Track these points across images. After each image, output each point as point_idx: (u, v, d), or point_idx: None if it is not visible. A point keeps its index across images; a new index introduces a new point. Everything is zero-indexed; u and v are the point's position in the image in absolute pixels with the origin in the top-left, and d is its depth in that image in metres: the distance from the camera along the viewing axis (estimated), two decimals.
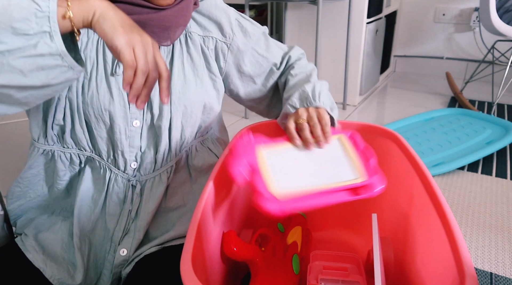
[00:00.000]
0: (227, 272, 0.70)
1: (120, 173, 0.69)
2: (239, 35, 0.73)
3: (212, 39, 0.71)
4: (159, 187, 0.71)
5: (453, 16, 2.53)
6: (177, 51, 0.68)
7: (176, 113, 0.67)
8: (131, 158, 0.68)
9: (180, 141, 0.71)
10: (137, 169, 0.70)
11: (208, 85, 0.72)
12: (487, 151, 1.55)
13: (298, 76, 0.78)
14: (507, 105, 2.18)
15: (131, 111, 0.65)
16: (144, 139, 0.68)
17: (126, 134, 0.66)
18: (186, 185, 0.75)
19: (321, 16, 1.86)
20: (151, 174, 0.70)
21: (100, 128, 0.66)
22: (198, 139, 0.76)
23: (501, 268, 1.04)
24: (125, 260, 0.70)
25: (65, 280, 0.68)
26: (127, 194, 0.70)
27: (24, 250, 0.69)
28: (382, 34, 2.37)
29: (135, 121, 0.66)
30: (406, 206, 0.73)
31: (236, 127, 1.96)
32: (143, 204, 0.70)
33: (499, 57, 2.28)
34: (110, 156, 0.69)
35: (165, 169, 0.71)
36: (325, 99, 0.72)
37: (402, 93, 2.42)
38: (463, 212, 1.27)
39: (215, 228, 0.64)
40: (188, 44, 0.69)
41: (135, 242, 0.70)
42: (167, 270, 0.66)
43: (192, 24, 0.70)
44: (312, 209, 0.57)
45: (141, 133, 0.67)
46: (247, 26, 0.75)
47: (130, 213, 0.70)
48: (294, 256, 0.76)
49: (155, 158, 0.70)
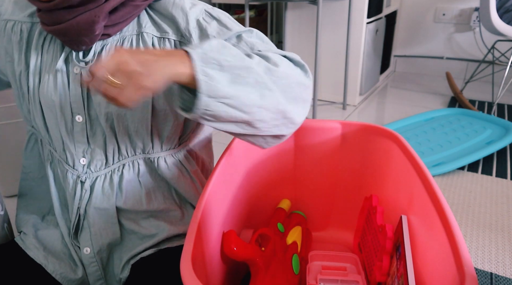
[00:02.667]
0: (227, 272, 0.70)
1: (70, 169, 0.68)
2: (196, 37, 0.65)
3: (169, 40, 0.65)
4: (111, 184, 0.69)
5: (453, 16, 2.53)
6: None
7: (118, 117, 0.64)
8: (79, 154, 0.67)
9: (129, 144, 0.67)
10: (86, 166, 0.68)
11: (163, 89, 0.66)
12: (487, 151, 1.55)
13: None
14: (507, 105, 2.18)
15: (72, 106, 0.64)
16: (91, 136, 0.66)
17: (69, 127, 0.65)
18: (164, 189, 0.72)
19: (321, 16, 1.86)
20: (102, 171, 0.68)
21: (49, 118, 0.66)
22: (167, 152, 0.71)
23: (501, 268, 1.04)
24: (92, 257, 0.69)
25: (67, 274, 0.69)
26: (76, 190, 0.68)
27: (24, 248, 0.70)
28: (382, 34, 2.37)
29: (77, 116, 0.65)
30: (406, 206, 0.73)
31: None
32: (92, 201, 0.68)
33: (499, 57, 2.28)
34: (60, 150, 0.68)
35: (117, 167, 0.69)
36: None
37: (402, 93, 2.42)
38: (463, 212, 1.27)
39: (215, 228, 0.64)
40: (139, 46, 0.64)
41: (97, 241, 0.69)
42: (165, 273, 0.66)
43: (148, 24, 0.65)
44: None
45: (86, 129, 0.66)
46: (210, 26, 0.65)
47: (79, 209, 0.69)
48: (294, 256, 0.76)
49: (105, 155, 0.68)
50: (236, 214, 0.78)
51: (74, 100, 0.64)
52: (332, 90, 2.26)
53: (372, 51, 2.23)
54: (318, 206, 0.93)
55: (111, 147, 0.67)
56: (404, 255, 0.63)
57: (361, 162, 0.87)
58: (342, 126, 0.86)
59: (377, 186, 0.85)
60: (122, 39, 0.63)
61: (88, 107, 0.64)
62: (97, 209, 0.68)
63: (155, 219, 0.71)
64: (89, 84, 0.46)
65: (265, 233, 0.73)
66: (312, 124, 0.85)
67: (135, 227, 0.71)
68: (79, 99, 0.64)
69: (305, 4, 2.14)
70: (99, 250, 0.69)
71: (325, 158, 0.88)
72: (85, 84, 0.47)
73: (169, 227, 0.71)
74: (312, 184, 0.91)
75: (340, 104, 2.22)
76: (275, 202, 0.91)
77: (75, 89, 0.64)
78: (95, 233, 0.69)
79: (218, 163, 0.68)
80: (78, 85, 0.63)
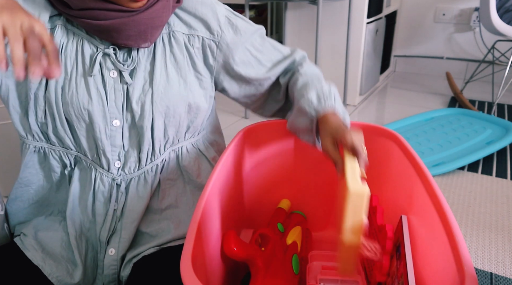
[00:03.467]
0: (227, 272, 0.70)
1: (105, 172, 0.69)
2: (228, 33, 0.70)
3: (198, 38, 0.69)
4: (145, 186, 0.71)
5: (453, 16, 2.53)
6: (159, 51, 0.67)
7: (158, 114, 0.66)
8: (114, 157, 0.68)
9: (164, 140, 0.70)
10: (121, 168, 0.69)
11: (193, 85, 0.70)
12: (487, 151, 1.55)
13: (309, 75, 0.75)
14: (507, 105, 2.18)
15: (110, 111, 0.65)
16: (126, 138, 0.68)
17: (107, 133, 0.66)
18: (179, 186, 0.75)
19: (321, 16, 1.86)
20: (136, 172, 0.70)
21: (81, 127, 0.66)
22: (188, 140, 0.75)
23: (501, 268, 1.04)
24: (115, 260, 0.70)
25: (63, 278, 0.68)
26: (112, 193, 0.69)
27: (23, 249, 0.69)
28: (382, 34, 2.37)
29: (114, 121, 0.66)
30: (406, 206, 0.73)
31: (236, 127, 1.96)
32: (128, 203, 0.70)
33: (499, 57, 2.28)
34: (93, 155, 0.69)
35: (150, 168, 0.71)
36: (339, 104, 0.69)
37: (402, 93, 2.42)
38: (463, 212, 1.27)
39: (215, 228, 0.64)
40: (172, 43, 0.67)
41: (123, 242, 0.70)
42: (166, 271, 0.66)
43: (176, 22, 0.68)
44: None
45: (122, 132, 0.67)
46: (238, 23, 0.71)
47: (115, 212, 0.70)
48: (294, 256, 0.76)
49: (139, 157, 0.69)
50: (236, 214, 0.78)
51: (112, 105, 0.65)
52: None
53: (372, 51, 2.23)
54: (318, 206, 0.93)
55: (146, 148, 0.68)
56: (404, 255, 0.63)
57: None
58: None
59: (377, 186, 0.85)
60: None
61: (126, 110, 0.66)
62: (132, 212, 0.70)
63: (163, 219, 0.73)
64: None
65: (265, 233, 0.73)
66: None
67: (144, 228, 0.72)
68: (118, 103, 0.65)
69: (305, 4, 2.14)
70: (122, 253, 0.70)
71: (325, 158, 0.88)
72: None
73: (174, 228, 0.71)
74: (312, 184, 0.91)
75: None
76: (275, 202, 0.91)
77: (114, 93, 0.65)
78: (124, 236, 0.70)
79: (218, 163, 0.68)
80: (118, 89, 0.64)
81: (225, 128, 1.93)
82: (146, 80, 0.66)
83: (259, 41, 0.75)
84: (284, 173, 0.90)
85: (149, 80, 0.66)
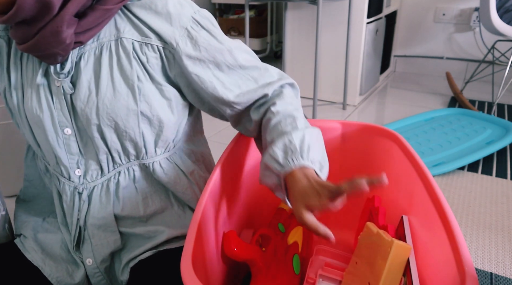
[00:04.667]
0: (227, 272, 0.70)
1: (66, 181, 0.67)
2: (185, 46, 0.61)
3: (152, 46, 0.61)
4: (109, 192, 0.67)
5: (453, 16, 2.53)
6: (105, 60, 0.60)
7: (106, 127, 0.62)
8: (73, 165, 0.66)
9: (123, 153, 0.66)
10: (82, 176, 0.66)
11: (151, 95, 0.62)
12: (487, 151, 1.55)
13: (281, 115, 0.64)
14: (507, 105, 2.18)
15: (58, 119, 0.62)
16: (83, 146, 0.65)
17: (59, 141, 0.64)
18: (161, 193, 0.72)
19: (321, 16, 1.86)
20: (99, 180, 0.67)
21: (38, 135, 0.64)
22: (162, 155, 0.69)
23: (501, 268, 1.04)
24: (95, 268, 0.69)
25: (63, 278, 0.68)
26: (75, 201, 0.67)
27: (23, 251, 0.69)
28: (382, 34, 2.37)
29: (66, 129, 0.63)
30: (406, 206, 0.73)
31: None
32: (91, 211, 0.67)
33: (499, 57, 2.28)
34: (54, 163, 0.67)
35: (113, 175, 0.67)
36: (315, 153, 0.59)
37: (402, 93, 2.42)
38: (463, 212, 1.27)
39: (215, 229, 0.64)
40: (119, 52, 0.60)
41: (98, 249, 0.68)
42: (165, 275, 0.66)
43: (127, 28, 0.61)
44: None
45: (77, 140, 0.64)
46: (199, 37, 0.61)
47: (79, 221, 0.68)
48: (295, 257, 0.76)
49: (100, 165, 0.66)
50: (236, 214, 0.78)
51: (60, 114, 0.62)
52: (332, 90, 2.26)
53: (372, 51, 2.23)
54: None
55: (104, 156, 0.65)
56: None
57: (361, 162, 0.87)
58: (342, 126, 0.86)
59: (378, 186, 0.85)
60: (100, 46, 0.60)
61: (75, 119, 0.63)
62: (96, 219, 0.67)
63: (153, 223, 0.71)
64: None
65: (266, 233, 0.73)
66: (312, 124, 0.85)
67: (133, 232, 0.70)
68: (65, 112, 0.62)
69: (305, 4, 2.14)
70: (102, 260, 0.69)
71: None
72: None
73: (167, 229, 0.70)
74: None
75: (340, 104, 2.22)
76: (276, 202, 0.91)
77: (59, 102, 0.61)
78: (96, 244, 0.68)
79: (218, 163, 0.68)
80: (62, 99, 0.61)
81: (225, 128, 1.93)
82: (92, 91, 0.60)
83: (228, 61, 0.64)
84: None
85: (95, 91, 0.60)
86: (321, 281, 0.76)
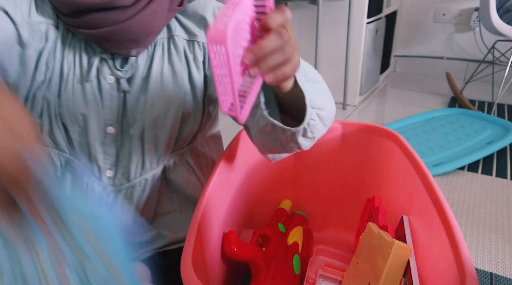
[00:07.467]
0: (227, 272, 0.70)
1: (96, 180, 0.66)
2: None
3: (198, 43, 0.64)
4: (132, 199, 0.68)
5: (453, 16, 2.53)
6: (157, 57, 0.63)
7: (150, 123, 0.63)
8: (106, 166, 0.65)
9: (156, 154, 0.67)
10: (112, 178, 0.67)
11: (188, 94, 0.65)
12: (487, 151, 1.55)
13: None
14: (507, 105, 2.18)
15: (105, 117, 0.62)
16: (120, 147, 0.65)
17: (100, 140, 0.63)
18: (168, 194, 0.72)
19: (321, 16, 1.86)
20: (125, 184, 0.67)
21: (75, 132, 0.63)
22: (177, 151, 0.70)
23: (501, 268, 1.04)
24: None
25: None
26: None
27: None
28: (382, 34, 2.37)
29: (109, 128, 0.63)
30: (406, 206, 0.73)
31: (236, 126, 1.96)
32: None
33: (499, 57, 2.28)
34: (86, 160, 0.66)
35: (138, 182, 0.67)
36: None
37: (402, 93, 2.42)
38: (463, 212, 1.27)
39: (215, 229, 0.64)
40: (171, 50, 0.63)
41: None
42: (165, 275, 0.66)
43: (177, 27, 0.64)
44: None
45: (116, 141, 0.64)
46: None
47: None
48: (295, 257, 0.76)
49: (128, 168, 0.66)
50: (236, 214, 0.78)
51: (109, 112, 0.62)
52: (332, 90, 2.24)
53: (372, 51, 2.23)
54: (319, 206, 0.93)
55: (135, 160, 0.65)
56: None
57: (362, 162, 0.87)
58: (342, 126, 0.86)
59: (378, 186, 0.85)
60: (155, 43, 0.62)
61: (122, 117, 0.63)
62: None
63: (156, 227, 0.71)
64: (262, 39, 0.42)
65: (266, 233, 0.73)
66: None
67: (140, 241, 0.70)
68: (114, 110, 0.62)
69: (305, 4, 2.13)
70: None
71: (326, 158, 0.88)
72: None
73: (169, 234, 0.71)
74: (313, 184, 0.91)
75: (340, 104, 2.22)
76: (276, 202, 0.91)
77: (110, 99, 0.61)
78: None
79: (218, 163, 0.68)
80: (114, 96, 0.61)
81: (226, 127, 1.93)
82: (144, 90, 0.63)
83: None
84: (286, 173, 0.90)
85: (146, 90, 0.62)
86: (321, 281, 0.76)
